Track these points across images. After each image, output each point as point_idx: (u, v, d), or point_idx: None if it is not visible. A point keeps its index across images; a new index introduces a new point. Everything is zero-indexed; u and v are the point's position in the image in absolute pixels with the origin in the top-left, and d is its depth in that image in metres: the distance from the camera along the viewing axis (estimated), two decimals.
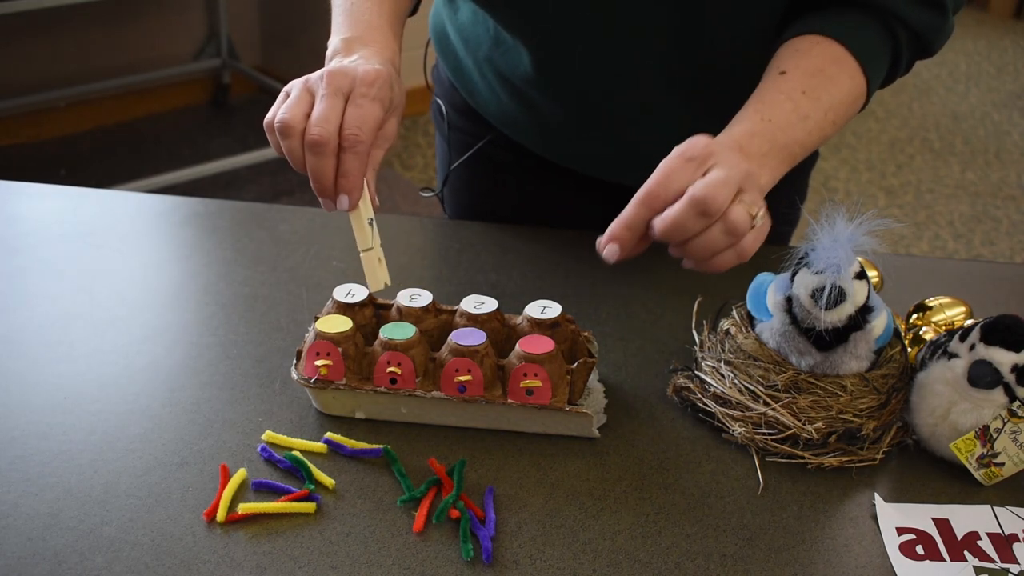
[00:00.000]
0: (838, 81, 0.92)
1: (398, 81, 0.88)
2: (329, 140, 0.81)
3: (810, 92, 0.90)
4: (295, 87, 0.84)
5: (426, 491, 0.82)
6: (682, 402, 0.94)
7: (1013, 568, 0.79)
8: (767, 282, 0.92)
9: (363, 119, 0.82)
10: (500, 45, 1.11)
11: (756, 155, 0.84)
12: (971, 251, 3.25)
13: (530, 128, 1.17)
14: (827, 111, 0.90)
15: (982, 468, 0.86)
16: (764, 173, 0.85)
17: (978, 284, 1.19)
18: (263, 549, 0.77)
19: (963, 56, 4.88)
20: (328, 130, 0.81)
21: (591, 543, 0.79)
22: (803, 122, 0.89)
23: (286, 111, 0.82)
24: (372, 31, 0.91)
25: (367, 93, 0.82)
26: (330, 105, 0.82)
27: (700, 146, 0.79)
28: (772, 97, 0.89)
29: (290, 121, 0.81)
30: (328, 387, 0.87)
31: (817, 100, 0.90)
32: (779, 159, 0.87)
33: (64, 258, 1.11)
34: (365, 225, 0.85)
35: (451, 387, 0.87)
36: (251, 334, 1.00)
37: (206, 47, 3.70)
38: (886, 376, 0.90)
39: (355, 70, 0.84)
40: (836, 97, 0.91)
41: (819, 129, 0.90)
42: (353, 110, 0.82)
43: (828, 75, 0.91)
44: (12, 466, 0.83)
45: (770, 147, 0.86)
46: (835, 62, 0.92)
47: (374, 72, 0.84)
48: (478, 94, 1.19)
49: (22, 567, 0.74)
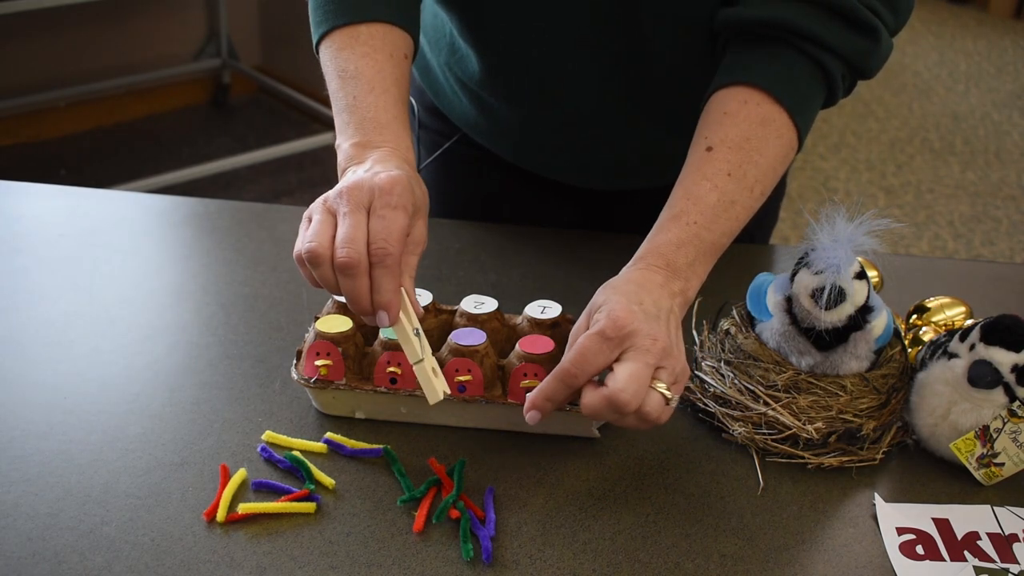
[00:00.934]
0: (765, 148, 0.92)
1: (417, 180, 0.85)
2: (359, 261, 0.78)
3: (735, 171, 0.90)
4: (315, 211, 0.81)
5: (426, 491, 0.82)
6: (682, 402, 0.94)
7: (1013, 568, 0.79)
8: (767, 282, 0.92)
9: (388, 231, 0.79)
10: (455, 52, 1.11)
11: (683, 266, 0.87)
12: (971, 251, 3.25)
13: (489, 132, 1.18)
14: (753, 186, 0.91)
15: (982, 468, 0.86)
16: (692, 283, 0.87)
17: (978, 284, 1.19)
18: (263, 549, 0.77)
19: (963, 56, 4.88)
20: (356, 250, 0.78)
21: (591, 543, 0.79)
22: (729, 209, 0.90)
23: (312, 239, 0.79)
24: (381, 130, 0.88)
25: (388, 203, 0.79)
26: (353, 223, 0.79)
27: (618, 327, 0.79)
28: (697, 189, 0.90)
29: (317, 249, 0.78)
30: (328, 387, 0.87)
31: (742, 179, 0.90)
32: (707, 260, 0.89)
33: (64, 258, 1.11)
34: (411, 337, 0.81)
35: (451, 387, 0.87)
36: (251, 334, 1.00)
37: (206, 47, 3.70)
38: (886, 376, 0.90)
39: (372, 181, 0.80)
40: (763, 167, 0.92)
41: (746, 210, 0.91)
42: (377, 223, 0.79)
43: (754, 144, 0.91)
44: (12, 466, 0.83)
45: (696, 253, 0.88)
46: (763, 124, 0.92)
47: (391, 180, 0.80)
48: (443, 95, 1.20)
49: (22, 567, 0.74)
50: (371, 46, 0.92)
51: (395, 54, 0.93)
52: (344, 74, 0.91)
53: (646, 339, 0.79)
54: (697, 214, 0.89)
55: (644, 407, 0.78)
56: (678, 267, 0.87)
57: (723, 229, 0.90)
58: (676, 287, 0.86)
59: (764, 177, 0.92)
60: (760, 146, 0.92)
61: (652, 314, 0.81)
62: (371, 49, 0.92)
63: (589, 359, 0.79)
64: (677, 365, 0.81)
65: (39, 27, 3.29)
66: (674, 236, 0.88)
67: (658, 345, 0.79)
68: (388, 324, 0.80)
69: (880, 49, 0.95)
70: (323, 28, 0.94)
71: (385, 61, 0.92)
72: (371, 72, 0.91)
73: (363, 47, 0.92)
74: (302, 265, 0.81)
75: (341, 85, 0.91)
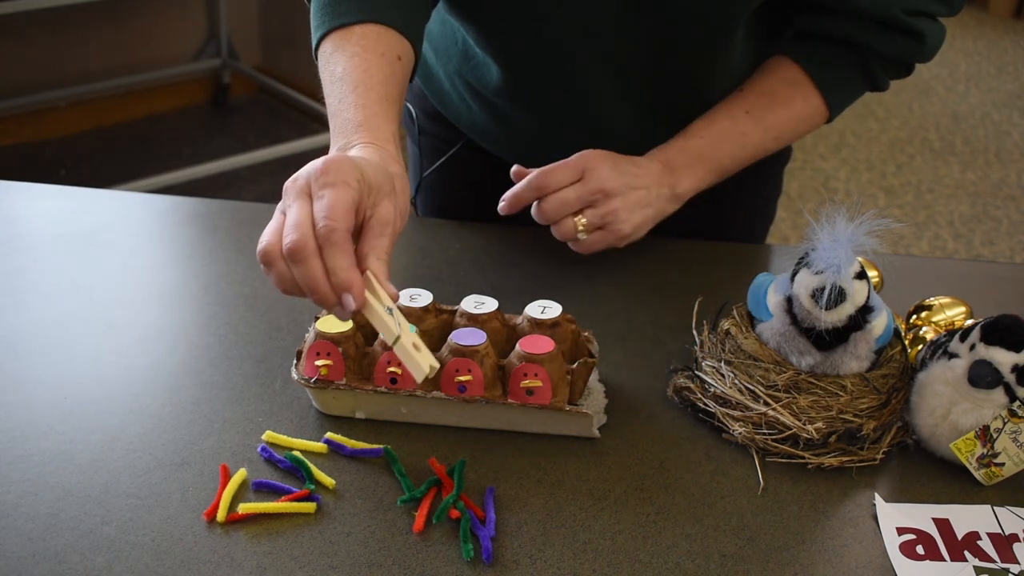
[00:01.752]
0: (789, 102, 1.05)
1: (391, 160, 0.81)
2: (305, 243, 0.72)
3: (753, 111, 1.04)
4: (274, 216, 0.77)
5: (426, 491, 0.82)
6: (682, 402, 0.94)
7: (1013, 568, 0.79)
8: (767, 282, 0.92)
9: (329, 207, 0.73)
10: (469, 60, 1.10)
11: (679, 166, 1.03)
12: (971, 251, 3.25)
13: (502, 139, 1.17)
14: (768, 128, 1.05)
15: (982, 468, 0.86)
16: (684, 182, 1.03)
17: (978, 284, 1.19)
18: (263, 549, 0.77)
19: (963, 56, 4.88)
20: (301, 232, 0.73)
21: (591, 543, 0.79)
22: (739, 138, 1.04)
23: (262, 238, 0.75)
24: (357, 130, 0.84)
25: (325, 182, 0.74)
26: (297, 209, 0.74)
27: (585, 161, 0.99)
28: (715, 115, 1.05)
29: (267, 247, 0.74)
30: (328, 387, 0.87)
31: (759, 120, 1.04)
32: (705, 169, 1.04)
33: (64, 258, 1.11)
34: (384, 317, 0.75)
35: (451, 387, 0.87)
36: (251, 334, 1.00)
37: (206, 47, 3.70)
38: (886, 376, 0.90)
39: (307, 169, 0.76)
40: (782, 116, 1.05)
41: (756, 145, 1.05)
42: (316, 204, 0.74)
43: (779, 96, 1.05)
44: (12, 466, 0.83)
45: (694, 159, 1.03)
46: (790, 84, 1.05)
47: (325, 161, 0.76)
48: (449, 103, 1.19)
49: (22, 567, 0.74)
50: (361, 46, 0.90)
51: (387, 53, 0.90)
52: (332, 77, 0.89)
53: (594, 181, 0.98)
54: (706, 132, 1.04)
55: (558, 226, 0.99)
56: (674, 166, 1.03)
57: (728, 151, 1.04)
58: (667, 180, 1.03)
59: (782, 124, 1.05)
60: (785, 100, 1.05)
61: (621, 171, 0.99)
62: (361, 49, 0.89)
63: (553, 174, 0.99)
64: (608, 214, 0.98)
65: (39, 27, 3.29)
66: (678, 143, 1.04)
67: (598, 185, 0.97)
68: (354, 307, 0.74)
69: (925, 44, 1.03)
70: (320, 32, 0.93)
71: (374, 60, 0.89)
72: (357, 72, 0.88)
73: (353, 47, 0.89)
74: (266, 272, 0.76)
75: (330, 91, 0.89)
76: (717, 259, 1.19)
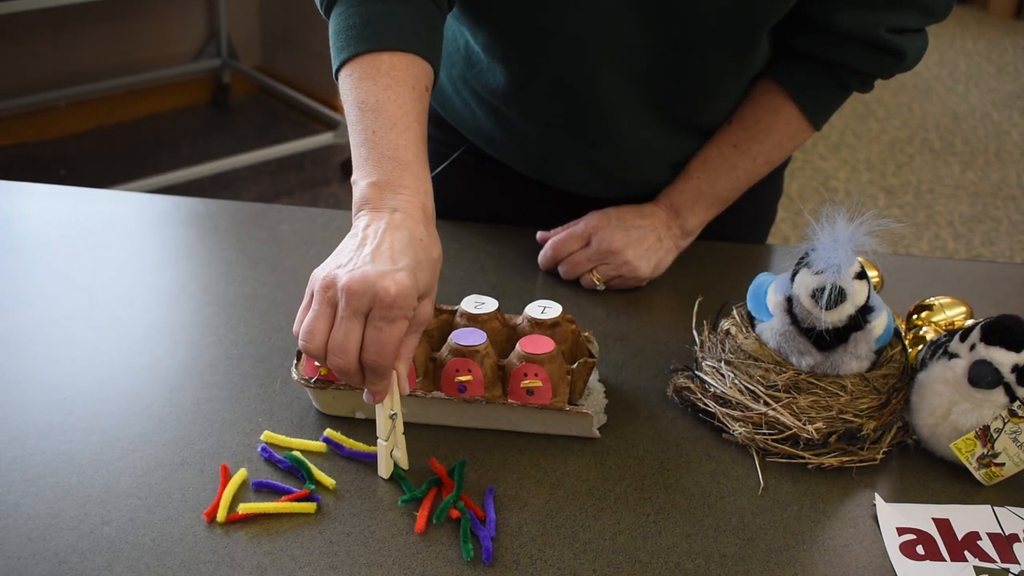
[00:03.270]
0: (772, 129, 1.12)
1: (433, 240, 0.83)
2: (348, 368, 0.78)
3: (741, 144, 1.12)
4: (317, 296, 0.78)
5: (426, 491, 0.82)
6: (682, 402, 0.94)
7: (1013, 568, 0.79)
8: (767, 282, 0.92)
9: (381, 344, 0.77)
10: (473, 66, 1.10)
11: (684, 207, 1.14)
12: (971, 251, 3.25)
13: (506, 144, 1.16)
14: (756, 158, 1.13)
15: (982, 468, 0.86)
16: (691, 220, 1.15)
17: (978, 284, 1.19)
18: (263, 549, 0.77)
19: (963, 56, 4.88)
20: (347, 360, 0.77)
21: (591, 543, 0.79)
22: (731, 171, 1.13)
23: (307, 338, 0.78)
24: (402, 171, 0.84)
25: (387, 316, 0.77)
26: (347, 330, 0.77)
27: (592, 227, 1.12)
28: (708, 152, 1.14)
29: (311, 349, 0.78)
30: (328, 387, 0.87)
31: (746, 151, 1.12)
32: (707, 205, 1.15)
33: (64, 258, 1.11)
34: (387, 418, 0.82)
35: (451, 387, 0.87)
36: (251, 334, 1.00)
37: (206, 47, 3.70)
38: (886, 376, 0.90)
39: (376, 287, 0.76)
40: (767, 144, 1.12)
41: (748, 173, 1.14)
42: (372, 334, 0.77)
43: (763, 124, 1.11)
44: (12, 466, 0.83)
45: (696, 198, 1.14)
46: (773, 111, 1.11)
47: (398, 290, 0.76)
48: (452, 108, 1.18)
49: (22, 567, 0.74)
50: (393, 77, 0.88)
51: (416, 87, 0.89)
52: (364, 106, 0.87)
53: (600, 243, 1.10)
54: (700, 171, 1.14)
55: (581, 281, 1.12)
56: (679, 209, 1.14)
57: (724, 184, 1.14)
58: (675, 222, 1.14)
59: (769, 152, 1.13)
60: (769, 128, 1.12)
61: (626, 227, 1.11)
62: (393, 81, 0.88)
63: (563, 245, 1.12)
64: (621, 266, 1.10)
65: (39, 27, 3.29)
66: (679, 186, 1.15)
67: (604, 247, 1.10)
68: (372, 403, 0.81)
69: (905, 61, 1.05)
70: (344, 55, 0.90)
71: (407, 95, 0.88)
72: (392, 107, 0.87)
73: (385, 79, 0.88)
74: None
75: (360, 117, 0.87)
76: (717, 259, 1.19)
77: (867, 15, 1.01)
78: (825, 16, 1.02)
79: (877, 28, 1.01)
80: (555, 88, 1.06)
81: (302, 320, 0.79)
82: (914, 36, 1.04)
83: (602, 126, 1.08)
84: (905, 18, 1.01)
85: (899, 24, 1.01)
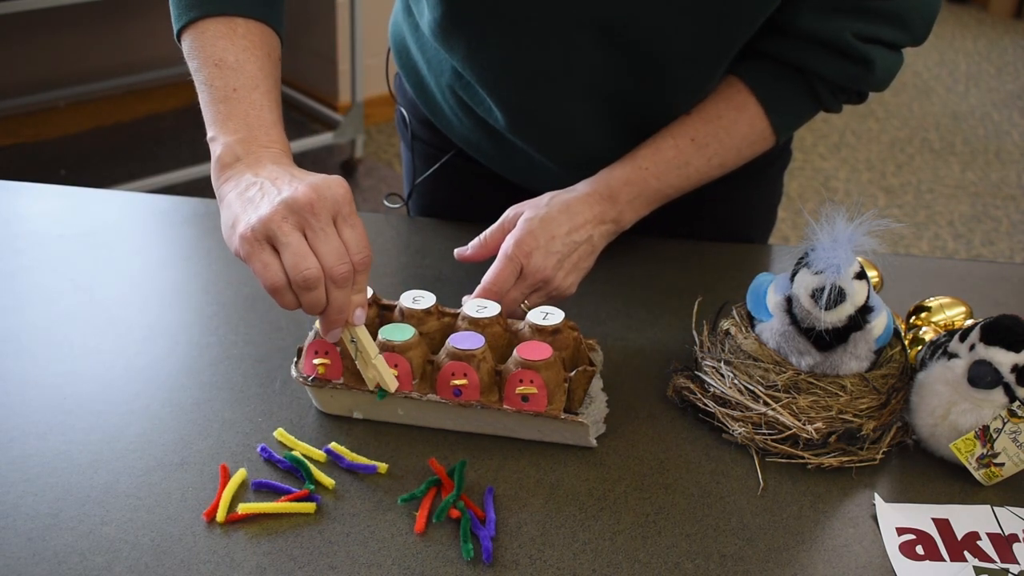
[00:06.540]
0: (734, 127, 1.04)
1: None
2: (349, 274, 0.79)
3: (699, 139, 1.04)
4: (282, 233, 0.78)
5: (426, 491, 0.82)
6: (682, 402, 0.94)
7: (1013, 568, 0.79)
8: (767, 282, 0.92)
9: (359, 238, 0.80)
10: (461, 78, 1.10)
11: (624, 201, 1.03)
12: (971, 251, 3.25)
13: (493, 153, 1.16)
14: (711, 156, 1.04)
15: (982, 468, 0.86)
16: (627, 215, 1.04)
17: (978, 284, 1.19)
18: (263, 549, 0.77)
19: (963, 56, 4.88)
20: (348, 266, 0.79)
21: (591, 543, 0.79)
22: (683, 168, 1.04)
23: (301, 260, 0.77)
24: (269, 129, 0.87)
25: (351, 212, 0.80)
26: (331, 235, 0.79)
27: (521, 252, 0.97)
28: (662, 142, 1.04)
29: (314, 277, 0.78)
30: (326, 386, 0.87)
31: (703, 147, 1.04)
32: (648, 201, 1.05)
33: (64, 258, 1.11)
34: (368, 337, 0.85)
35: (447, 390, 0.87)
36: (251, 334, 1.00)
37: None
38: (886, 376, 0.90)
39: (329, 191, 0.79)
40: (726, 144, 1.05)
41: (700, 173, 1.05)
42: (350, 232, 0.80)
43: (724, 124, 1.04)
44: (12, 466, 0.83)
45: (639, 193, 1.03)
46: (737, 108, 1.04)
47: (343, 187, 0.80)
48: (441, 115, 1.18)
49: (22, 567, 0.74)
50: (250, 41, 0.91)
51: (272, 55, 0.93)
52: (223, 64, 0.89)
53: (531, 275, 0.97)
54: (651, 162, 1.04)
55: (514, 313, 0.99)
56: (619, 200, 1.03)
57: (671, 182, 1.04)
58: (610, 216, 1.02)
59: (725, 152, 1.05)
60: (729, 126, 1.04)
61: (556, 248, 0.98)
62: (251, 44, 0.91)
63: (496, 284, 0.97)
64: (551, 291, 0.99)
65: (39, 27, 3.29)
66: (625, 174, 1.03)
67: (537, 277, 0.97)
68: (356, 323, 0.83)
69: (874, 73, 1.01)
70: (194, 13, 0.92)
71: (265, 59, 0.91)
72: (253, 68, 0.90)
73: (243, 40, 0.91)
74: (280, 294, 0.79)
75: (218, 74, 0.89)
76: (717, 259, 1.19)
77: (832, 18, 0.98)
78: (790, 19, 0.99)
79: (842, 32, 0.98)
80: (524, 113, 1.06)
81: (263, 273, 0.78)
82: (886, 51, 1.01)
83: (580, 147, 1.08)
84: (876, 28, 0.99)
85: (869, 33, 0.99)
